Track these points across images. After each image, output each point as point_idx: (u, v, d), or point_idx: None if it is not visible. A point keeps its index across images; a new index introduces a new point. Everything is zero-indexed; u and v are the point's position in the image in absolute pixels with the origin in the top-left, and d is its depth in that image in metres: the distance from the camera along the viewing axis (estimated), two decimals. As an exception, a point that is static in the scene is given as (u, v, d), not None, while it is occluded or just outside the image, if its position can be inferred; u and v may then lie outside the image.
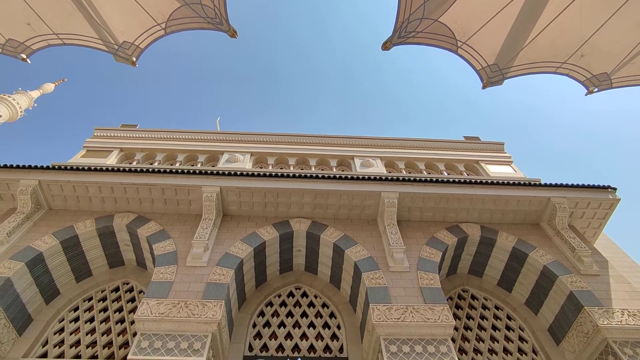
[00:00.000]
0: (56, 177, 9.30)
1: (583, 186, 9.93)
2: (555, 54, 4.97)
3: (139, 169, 9.53)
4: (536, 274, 8.88)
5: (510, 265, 9.40)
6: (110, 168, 9.56)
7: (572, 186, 9.91)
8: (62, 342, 8.04)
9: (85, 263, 9.23)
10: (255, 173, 9.66)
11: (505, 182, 9.91)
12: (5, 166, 9.36)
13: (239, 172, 9.59)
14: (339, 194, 9.45)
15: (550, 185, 9.91)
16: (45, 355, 7.75)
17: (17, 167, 9.40)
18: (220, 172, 9.57)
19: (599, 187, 9.93)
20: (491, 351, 8.37)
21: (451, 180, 9.80)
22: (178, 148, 13.33)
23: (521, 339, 8.70)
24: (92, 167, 9.57)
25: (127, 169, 9.55)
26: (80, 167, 9.53)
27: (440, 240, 9.17)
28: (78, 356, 7.77)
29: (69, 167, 9.52)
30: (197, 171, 9.57)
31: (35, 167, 9.44)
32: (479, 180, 9.85)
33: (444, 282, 9.63)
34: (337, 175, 9.71)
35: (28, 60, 4.93)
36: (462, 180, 9.83)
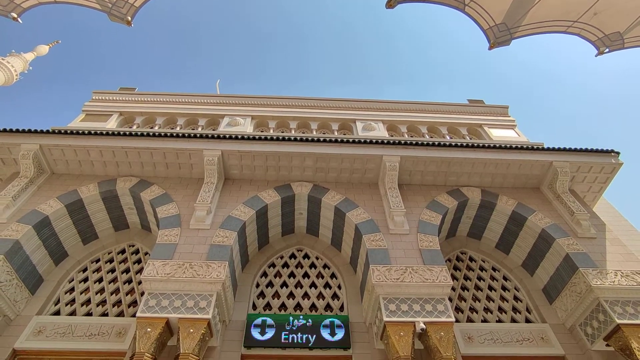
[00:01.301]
0: (57, 141, 9.27)
1: (586, 150, 9.87)
2: (567, 11, 4.77)
3: (139, 133, 9.48)
4: (534, 237, 9.03)
5: (509, 228, 9.54)
6: (110, 132, 9.50)
7: (575, 150, 9.85)
8: (73, 300, 8.37)
9: (90, 226, 9.40)
10: (257, 137, 9.60)
11: (508, 146, 9.85)
12: (5, 130, 9.31)
13: (240, 136, 9.54)
14: (340, 158, 9.44)
15: (553, 149, 9.85)
16: (57, 312, 8.08)
17: (17, 131, 9.35)
18: (221, 135, 9.51)
19: (602, 151, 9.88)
20: (486, 310, 8.68)
21: (453, 144, 9.75)
22: (178, 112, 13.17)
23: (516, 298, 9.00)
24: (93, 131, 9.51)
25: (127, 132, 9.49)
26: (81, 131, 9.47)
27: (441, 204, 9.26)
28: (89, 314, 8.10)
29: (69, 131, 9.46)
30: (198, 135, 9.51)
31: (36, 131, 9.39)
32: (481, 144, 9.79)
33: (443, 245, 9.83)
34: (339, 139, 9.65)
35: (19, 19, 4.77)
36: (464, 144, 9.78)
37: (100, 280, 8.85)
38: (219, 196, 9.12)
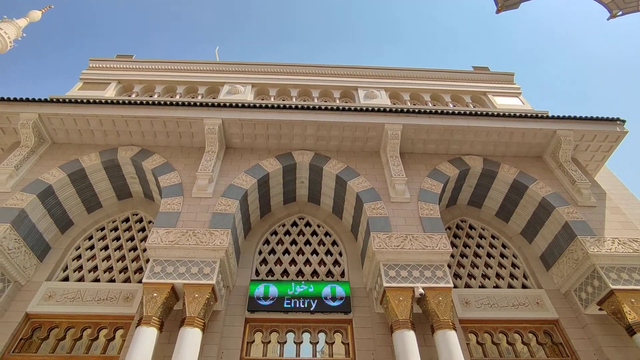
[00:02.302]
0: (56, 110, 9.18)
1: (591, 118, 9.73)
2: (579, -30, 4.54)
3: (139, 102, 9.36)
4: (534, 205, 9.08)
5: (510, 196, 9.58)
6: (109, 101, 9.37)
7: (579, 118, 9.71)
8: (80, 267, 8.58)
9: (94, 195, 9.49)
10: (257, 105, 9.47)
11: (511, 114, 9.70)
12: (3, 99, 9.21)
13: (240, 104, 9.42)
14: (342, 126, 9.36)
15: (557, 117, 9.71)
16: (66, 279, 8.31)
17: (16, 100, 9.24)
18: (222, 104, 9.39)
19: (607, 119, 9.73)
20: (484, 276, 8.88)
21: (456, 112, 9.61)
22: (177, 80, 12.94)
23: (514, 265, 9.17)
24: (92, 100, 9.39)
25: (127, 101, 9.37)
26: (79, 100, 9.35)
27: (442, 172, 9.26)
28: (97, 280, 8.33)
29: (67, 100, 9.35)
30: (198, 103, 9.39)
31: (34, 100, 9.28)
32: (484, 112, 9.65)
33: (443, 213, 9.92)
34: (340, 107, 9.52)
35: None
36: (467, 112, 9.65)
37: (106, 247, 9.03)
38: (221, 165, 9.13)
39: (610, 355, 7.06)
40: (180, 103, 9.37)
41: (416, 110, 9.56)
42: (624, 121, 9.75)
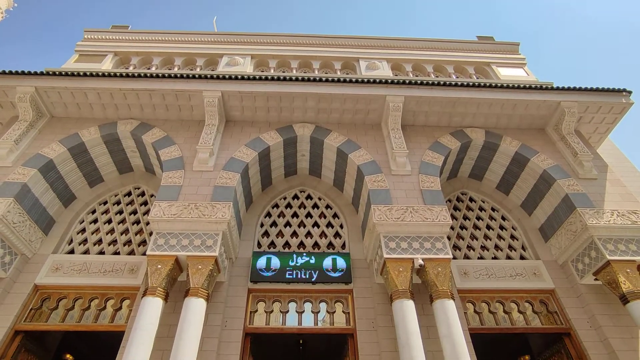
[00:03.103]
0: (52, 83, 9.05)
1: (596, 89, 9.55)
2: None
3: (136, 74, 9.20)
4: (535, 178, 9.08)
5: (511, 169, 9.57)
6: (107, 73, 9.21)
7: (585, 89, 9.54)
8: (85, 240, 8.71)
9: (95, 169, 9.50)
10: (257, 77, 9.31)
11: (515, 85, 9.54)
12: (-2, 72, 9.06)
13: (240, 76, 9.25)
14: (343, 98, 9.23)
15: (562, 88, 9.54)
16: (72, 252, 8.47)
17: (11, 72, 9.09)
18: (221, 76, 9.22)
19: (612, 90, 9.55)
20: (483, 248, 9.01)
21: (459, 83, 9.43)
22: (175, 51, 12.66)
23: (512, 237, 9.29)
24: (88, 73, 9.23)
25: (124, 74, 9.21)
26: (76, 73, 9.20)
27: (444, 145, 9.21)
28: (102, 252, 8.48)
29: (63, 73, 9.20)
30: (197, 75, 9.23)
31: (30, 73, 9.13)
32: (488, 84, 9.47)
33: (444, 185, 9.95)
34: (341, 79, 9.36)
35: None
36: (470, 83, 9.46)
37: (109, 221, 9.14)
38: (221, 138, 9.08)
39: (603, 322, 7.27)
40: (178, 75, 9.21)
41: (418, 81, 9.40)
42: (630, 92, 9.58)
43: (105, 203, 9.54)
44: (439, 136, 9.45)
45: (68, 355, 11.15)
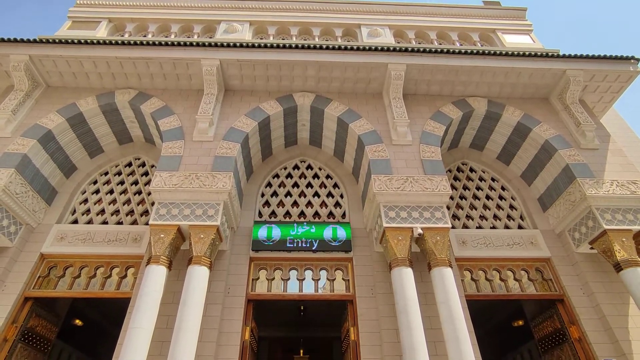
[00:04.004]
0: (47, 51, 8.83)
1: (603, 57, 9.31)
2: None
3: (132, 42, 8.97)
4: (536, 148, 9.04)
5: (512, 139, 9.51)
6: (102, 41, 8.98)
7: (591, 57, 9.30)
8: (88, 211, 8.81)
9: (94, 140, 9.46)
10: (256, 44, 9.08)
11: (520, 53, 9.30)
12: (-10, 39, 8.83)
13: (238, 44, 9.02)
14: (343, 66, 9.04)
15: (568, 56, 9.31)
16: (75, 222, 8.58)
17: (4, 40, 8.85)
18: (219, 43, 8.99)
19: (619, 57, 9.31)
20: (482, 217, 9.10)
21: (462, 51, 9.20)
22: (171, 17, 12.27)
23: (511, 207, 9.36)
24: (83, 40, 8.99)
25: (120, 41, 8.97)
26: (70, 41, 8.96)
27: (445, 115, 9.11)
28: (105, 222, 8.59)
29: (57, 41, 8.97)
30: (195, 43, 9.00)
31: (22, 41, 8.90)
32: (492, 51, 9.24)
33: (445, 156, 9.93)
34: (342, 46, 9.13)
35: None
36: (474, 51, 9.23)
37: (111, 191, 9.20)
38: (220, 108, 8.98)
39: (596, 289, 7.46)
40: (176, 43, 8.98)
41: (420, 49, 9.17)
42: (638, 60, 9.35)
43: (106, 174, 9.57)
44: (440, 105, 9.33)
45: (77, 321, 11.56)
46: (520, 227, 8.93)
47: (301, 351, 13.70)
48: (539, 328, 8.47)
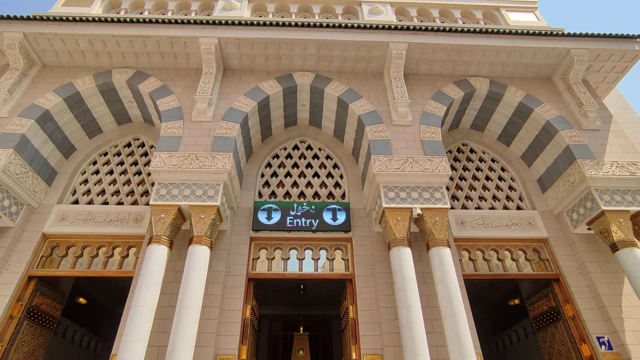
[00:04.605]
0: (41, 28, 8.66)
1: (608, 36, 9.14)
2: None
3: (128, 19, 8.78)
4: (537, 129, 8.99)
5: (514, 120, 9.45)
6: (97, 18, 8.79)
7: (596, 36, 9.13)
8: (88, 191, 8.83)
9: (93, 120, 9.39)
10: (255, 22, 8.90)
11: (524, 31, 9.12)
12: (-17, 16, 8.65)
13: (237, 22, 8.84)
14: (344, 45, 8.89)
15: (572, 35, 9.13)
16: (76, 202, 8.61)
17: (-4, 17, 8.67)
18: (217, 21, 8.81)
19: (625, 36, 9.15)
20: (481, 198, 9.14)
21: (465, 29, 9.03)
22: (167, -6, 11.97)
23: (511, 188, 9.39)
24: (77, 18, 8.80)
25: (115, 19, 8.79)
26: (65, 18, 8.77)
27: (446, 95, 9.02)
28: (105, 203, 8.63)
29: (51, 18, 8.77)
30: (192, 21, 8.82)
31: (16, 18, 8.71)
32: (495, 30, 9.07)
33: (445, 136, 9.89)
34: (343, 24, 8.94)
35: None
36: (477, 29, 9.06)
37: (111, 172, 9.20)
38: (219, 87, 8.88)
39: (591, 269, 7.57)
40: (173, 21, 8.80)
41: (422, 27, 8.98)
42: (643, 38, 9.19)
43: (105, 154, 9.54)
44: (442, 85, 9.23)
45: (81, 299, 11.76)
46: (519, 208, 8.98)
47: (301, 328, 14.02)
48: (534, 306, 8.64)
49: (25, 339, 7.26)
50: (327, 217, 8.16)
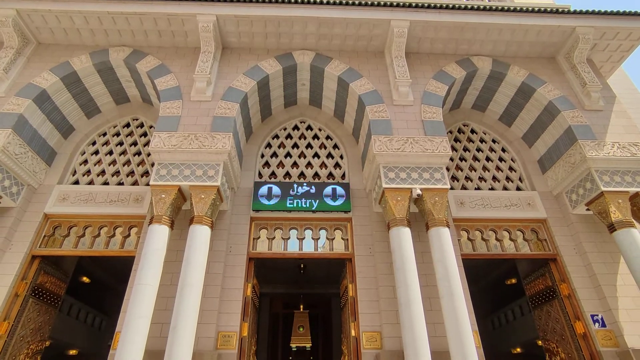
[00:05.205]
0: (34, 5, 8.45)
1: (615, 13, 8.92)
2: None
3: (123, -5, 8.56)
4: (539, 109, 8.91)
5: (516, 100, 9.35)
6: (91, -6, 8.57)
7: (602, 13, 8.92)
8: (88, 171, 8.83)
9: (91, 100, 9.30)
10: (253, -1, 8.68)
11: (528, 9, 8.91)
12: (-26, -8, 8.44)
13: (234, -2, 8.62)
14: (345, 23, 8.70)
15: (578, 12, 8.93)
16: (76, 182, 8.63)
17: (-12, -7, 8.46)
18: (214, -2, 8.59)
19: (633, 13, 8.93)
20: (481, 179, 9.14)
21: (469, 7, 8.82)
22: (162, -31, 11.65)
23: (511, 169, 9.38)
24: (71, -7, 8.58)
25: (110, -5, 8.57)
26: (58, -7, 8.55)
27: (448, 74, 8.89)
28: (106, 183, 8.64)
29: (45, -7, 8.56)
30: (188, -3, 8.60)
31: (8, -7, 8.51)
32: (499, 7, 8.86)
33: (446, 117, 9.81)
34: (344, 1, 8.72)
35: None
36: (481, 7, 8.84)
37: (110, 152, 9.17)
38: (218, 66, 8.75)
39: (588, 249, 7.66)
40: (169, -3, 8.58)
41: (425, 4, 8.77)
42: (651, 16, 8.98)
43: (104, 134, 9.49)
44: (444, 65, 9.09)
45: (85, 278, 11.95)
46: (518, 189, 9.00)
47: (301, 306, 14.30)
48: (530, 285, 8.78)
49: (31, 316, 7.41)
50: (327, 197, 8.20)
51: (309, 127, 9.81)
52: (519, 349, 12.47)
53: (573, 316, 7.34)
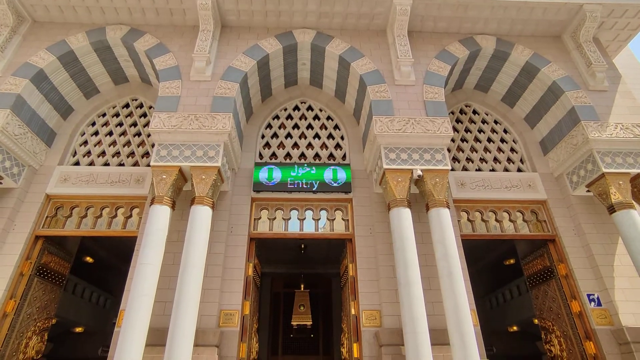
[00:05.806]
0: (29, -19, 8.27)
1: (624, -11, 8.71)
2: None
3: (119, -29, 8.35)
4: (543, 90, 8.80)
5: (519, 80, 9.22)
6: (86, -30, 8.36)
7: (612, -11, 8.69)
8: (89, 152, 8.81)
9: (89, 80, 9.19)
10: (252, -25, 8.45)
11: (536, -15, 8.66)
12: (-33, -32, 8.23)
13: (232, -26, 8.40)
14: (346, 1, 8.49)
15: (587, -12, 8.69)
16: (77, 163, 8.61)
17: (-19, -32, 8.25)
18: (212, -27, 8.37)
19: (643, -11, 8.71)
20: (482, 160, 9.11)
21: (474, -17, 8.57)
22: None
23: (512, 150, 9.34)
24: (66, -31, 8.36)
25: (105, -30, 8.36)
26: (52, -31, 8.34)
27: (451, 54, 8.74)
28: (107, 164, 8.64)
29: (39, -31, 8.35)
30: (186, -27, 8.38)
31: (2, -31, 8.29)
32: (506, -17, 8.61)
33: (448, 97, 9.70)
34: (345, -23, 8.50)
35: None
36: (486, -17, 8.60)
37: (110, 133, 9.13)
38: (217, 45, 8.60)
39: (587, 230, 7.70)
40: (165, -28, 8.37)
41: (429, -20, 8.54)
42: (661, -7, 8.74)
43: (104, 115, 9.43)
44: (447, 44, 8.92)
45: (88, 258, 12.10)
46: (519, 170, 8.98)
47: (302, 286, 14.53)
48: (529, 266, 8.88)
49: (37, 294, 7.55)
50: (327, 178, 8.20)
51: (310, 108, 9.72)
52: (515, 327, 12.73)
53: (570, 295, 7.45)
